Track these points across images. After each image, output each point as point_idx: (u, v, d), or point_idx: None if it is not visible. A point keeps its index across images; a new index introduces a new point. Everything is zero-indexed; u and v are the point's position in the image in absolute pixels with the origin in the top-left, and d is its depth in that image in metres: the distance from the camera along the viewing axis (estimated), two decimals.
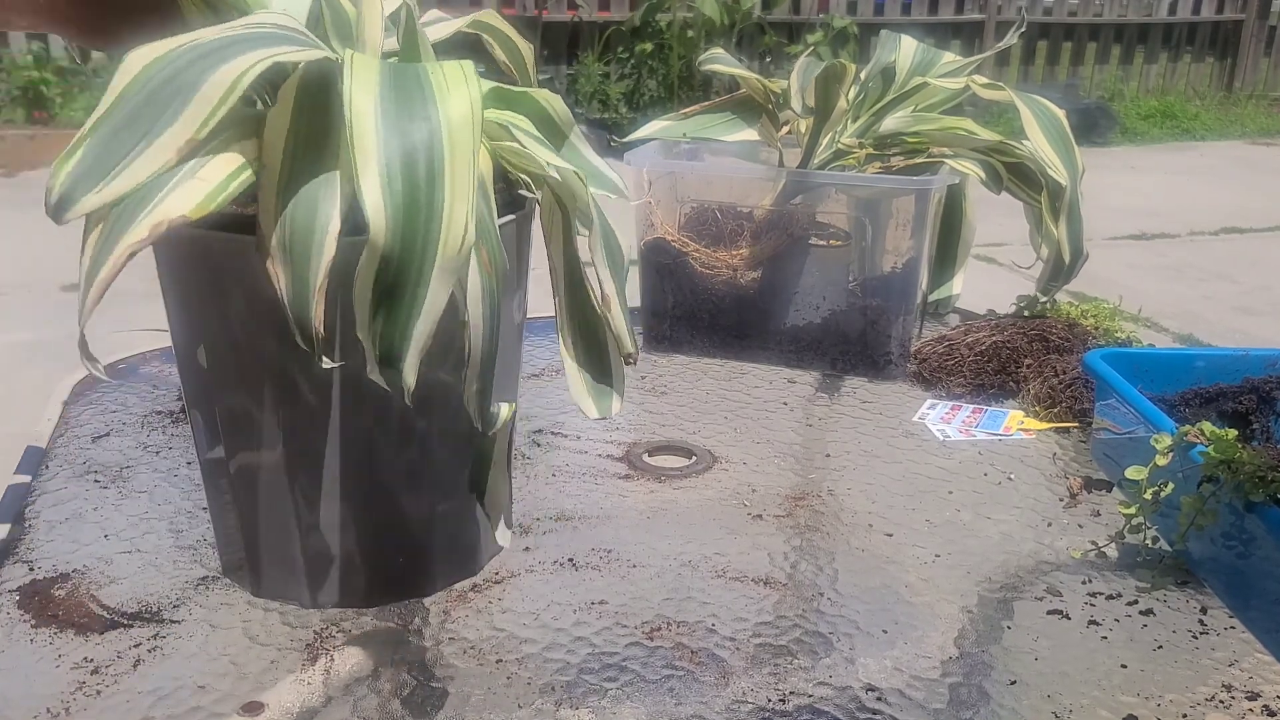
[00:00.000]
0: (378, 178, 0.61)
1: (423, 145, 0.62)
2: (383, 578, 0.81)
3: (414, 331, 0.63)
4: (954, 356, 1.23)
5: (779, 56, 6.51)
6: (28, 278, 3.67)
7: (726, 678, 0.74)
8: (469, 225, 0.62)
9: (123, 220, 0.61)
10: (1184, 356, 1.07)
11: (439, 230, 0.61)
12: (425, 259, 0.62)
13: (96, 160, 0.60)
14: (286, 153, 0.67)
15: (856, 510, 0.96)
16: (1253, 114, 7.40)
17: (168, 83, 0.61)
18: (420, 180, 0.61)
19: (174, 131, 0.61)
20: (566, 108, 0.77)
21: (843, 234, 1.25)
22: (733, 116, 1.30)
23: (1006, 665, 0.75)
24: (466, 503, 0.82)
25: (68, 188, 0.60)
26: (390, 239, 0.61)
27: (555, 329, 0.79)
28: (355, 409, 0.76)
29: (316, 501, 0.78)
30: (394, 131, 0.62)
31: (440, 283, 0.62)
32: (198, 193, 0.63)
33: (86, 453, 1.04)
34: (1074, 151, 1.22)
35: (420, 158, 0.62)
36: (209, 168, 0.64)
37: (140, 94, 0.61)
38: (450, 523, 0.82)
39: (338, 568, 0.80)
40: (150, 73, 0.62)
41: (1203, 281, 3.99)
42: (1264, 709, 0.71)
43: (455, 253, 0.62)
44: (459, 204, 0.62)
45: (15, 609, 0.80)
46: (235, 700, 0.70)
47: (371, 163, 0.61)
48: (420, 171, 0.62)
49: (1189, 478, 0.83)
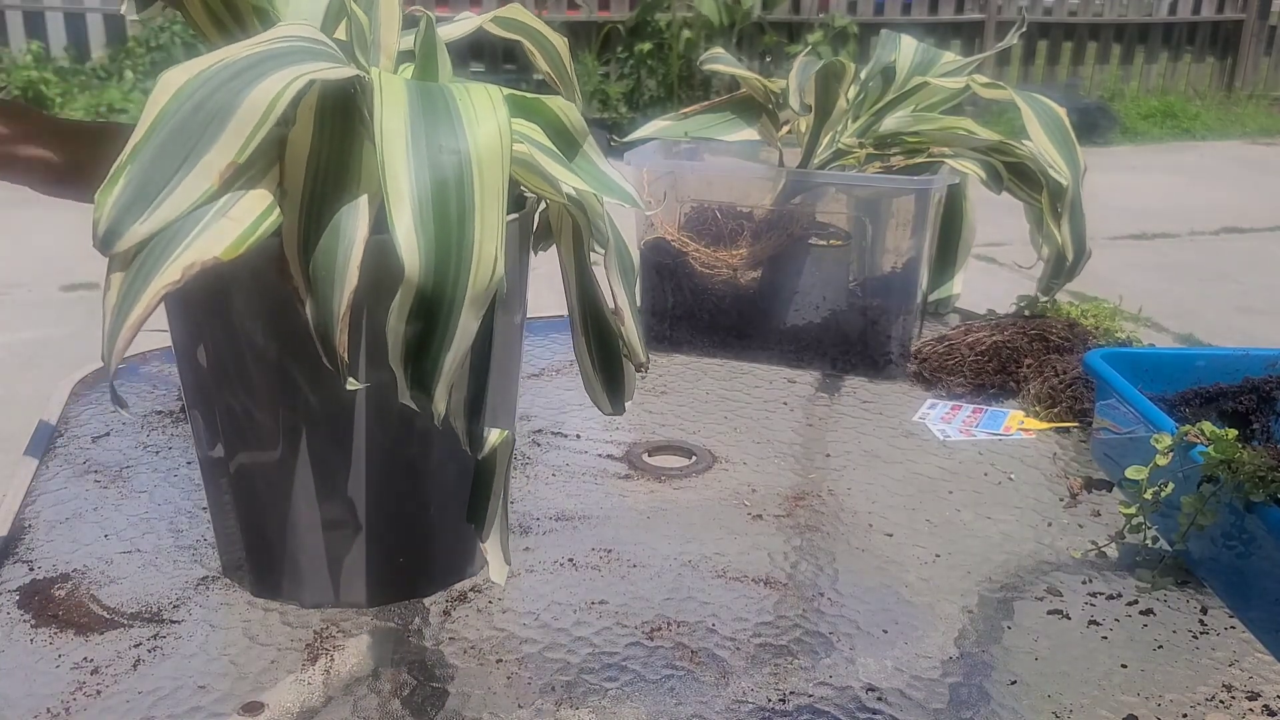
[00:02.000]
0: (410, 215, 0.61)
1: (454, 180, 0.63)
2: (383, 578, 0.81)
3: (444, 363, 0.64)
4: (954, 356, 1.23)
5: (779, 56, 6.51)
6: (28, 278, 3.67)
7: (726, 677, 0.74)
8: (498, 260, 0.63)
9: (153, 259, 0.61)
10: (1184, 356, 1.07)
11: (470, 266, 0.62)
12: (456, 294, 0.63)
13: (140, 189, 0.60)
14: (309, 175, 0.67)
15: (856, 510, 0.96)
16: (1253, 114, 7.40)
17: (203, 104, 0.61)
18: (452, 217, 0.62)
19: (212, 157, 0.61)
20: (581, 117, 0.77)
21: (843, 234, 1.25)
22: (733, 116, 1.30)
23: (1006, 665, 0.75)
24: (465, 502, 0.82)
25: (114, 219, 0.60)
26: (424, 277, 0.61)
27: (559, 328, 0.80)
28: (354, 409, 0.76)
29: (316, 502, 0.78)
30: (424, 164, 0.62)
31: (470, 315, 0.64)
32: (230, 233, 0.63)
33: (87, 453, 1.04)
34: (1076, 150, 1.22)
35: (452, 194, 0.62)
36: (240, 206, 0.64)
37: (176, 117, 0.61)
38: (450, 523, 0.82)
39: (338, 568, 0.80)
40: (185, 94, 0.61)
41: (1203, 281, 3.99)
42: (1264, 709, 0.71)
43: (485, 287, 0.63)
44: (488, 240, 0.63)
45: (15, 609, 0.80)
46: (235, 700, 0.70)
47: (405, 199, 0.61)
48: (452, 208, 0.62)
49: (1189, 478, 0.83)
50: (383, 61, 0.78)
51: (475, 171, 0.63)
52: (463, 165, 0.63)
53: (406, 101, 0.65)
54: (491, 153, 0.64)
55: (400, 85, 0.66)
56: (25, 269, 3.69)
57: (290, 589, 0.81)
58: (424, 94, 0.66)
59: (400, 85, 0.66)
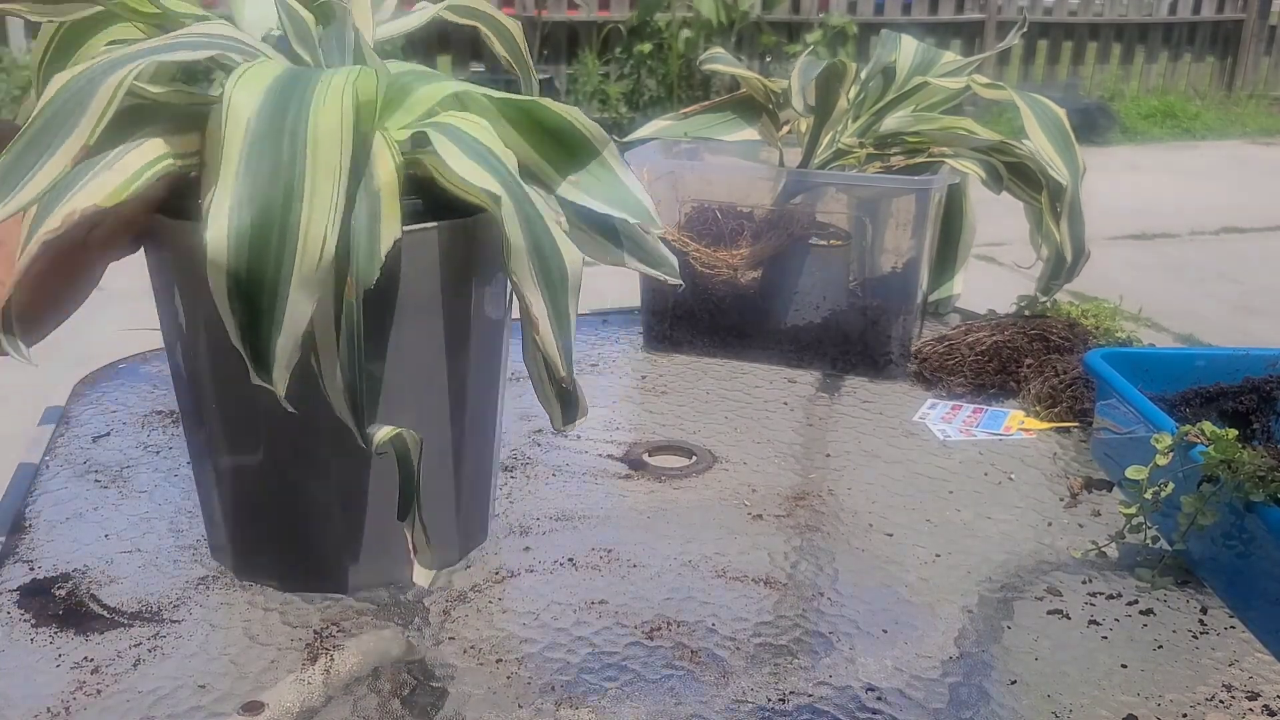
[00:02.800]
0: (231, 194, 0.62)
1: (286, 160, 0.63)
2: (364, 563, 0.82)
3: (275, 346, 0.64)
4: (954, 356, 1.23)
5: (779, 56, 6.51)
6: None
7: (726, 677, 0.74)
8: (327, 241, 0.63)
9: (40, 213, 0.65)
10: (1184, 356, 1.07)
11: (295, 247, 0.63)
12: (280, 275, 0.63)
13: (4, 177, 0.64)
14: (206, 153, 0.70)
15: (856, 510, 0.96)
16: (1253, 114, 7.40)
17: (72, 96, 0.65)
18: (278, 197, 0.63)
19: (70, 142, 0.65)
20: (594, 123, 0.75)
21: (843, 234, 1.25)
22: (733, 116, 1.30)
23: (1006, 665, 0.75)
24: (447, 489, 0.83)
25: None
26: (234, 258, 0.62)
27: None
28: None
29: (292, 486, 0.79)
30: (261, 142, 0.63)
31: (302, 297, 0.64)
32: (111, 183, 0.66)
33: (87, 452, 1.04)
34: (1075, 150, 1.22)
35: (281, 174, 0.63)
36: (128, 158, 0.68)
37: (51, 109, 0.65)
38: (435, 507, 0.83)
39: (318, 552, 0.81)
40: (65, 90, 0.65)
41: (1203, 281, 3.99)
42: (1264, 708, 0.71)
43: (313, 269, 0.63)
44: (316, 221, 0.63)
45: (15, 608, 0.80)
46: (235, 700, 0.70)
47: (229, 178, 0.63)
48: (279, 188, 0.63)
49: (1189, 477, 0.83)
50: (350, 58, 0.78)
51: (309, 152, 0.64)
52: (296, 145, 0.64)
53: (265, 86, 0.65)
54: (329, 134, 0.64)
55: (268, 70, 0.67)
56: None
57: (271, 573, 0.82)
58: (290, 79, 0.67)
59: (268, 70, 0.67)
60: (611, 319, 1.43)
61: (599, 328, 1.40)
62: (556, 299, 0.73)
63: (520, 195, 0.71)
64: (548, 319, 0.72)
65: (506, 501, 0.96)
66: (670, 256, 0.81)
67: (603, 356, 1.31)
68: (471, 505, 0.87)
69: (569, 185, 0.76)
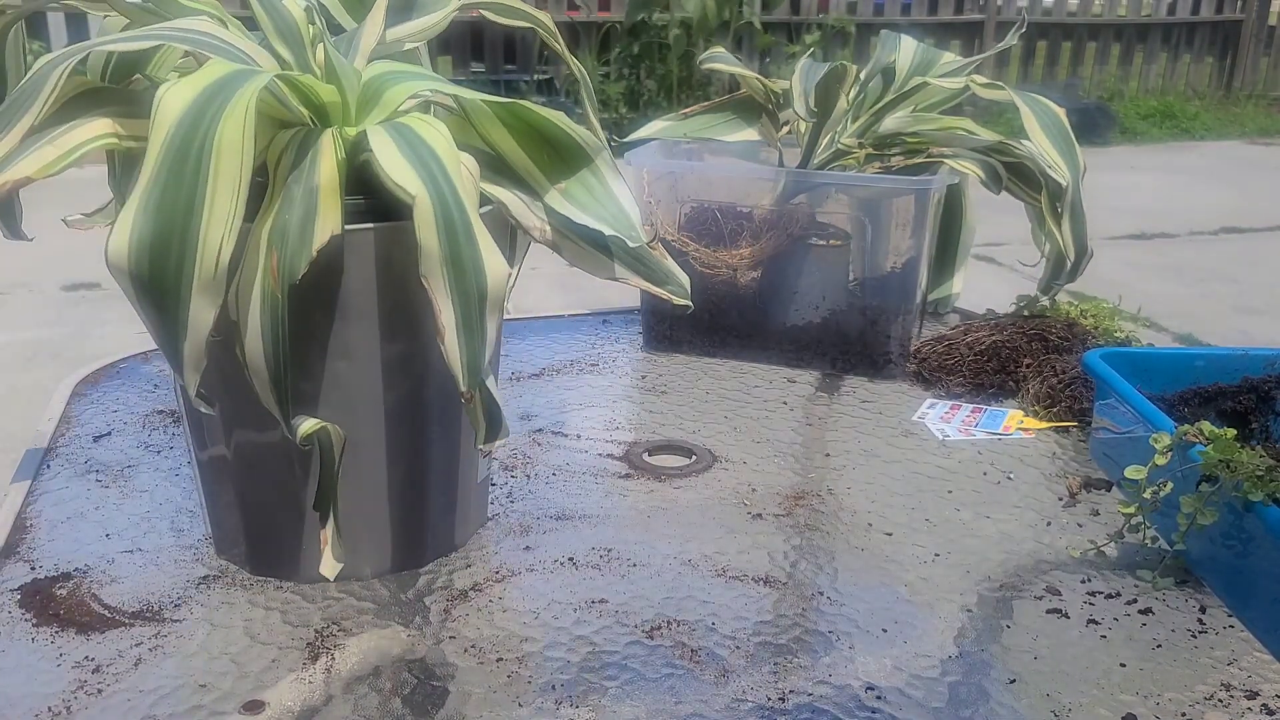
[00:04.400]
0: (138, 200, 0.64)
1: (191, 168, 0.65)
2: (373, 551, 0.82)
3: (184, 349, 0.67)
4: (954, 356, 1.23)
5: (777, 56, 6.51)
6: (28, 277, 3.67)
7: (726, 676, 0.74)
8: (223, 250, 0.65)
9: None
10: (1183, 356, 1.07)
11: (194, 255, 0.65)
12: (181, 282, 0.65)
13: None
14: None
15: (856, 509, 0.96)
16: (1252, 114, 7.40)
17: (32, 80, 0.70)
18: (180, 205, 0.65)
19: (21, 122, 0.69)
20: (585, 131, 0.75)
21: (843, 234, 1.25)
22: (733, 116, 1.31)
23: (1006, 664, 0.76)
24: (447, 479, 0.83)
25: None
26: (135, 264, 0.64)
27: (559, 328, 0.78)
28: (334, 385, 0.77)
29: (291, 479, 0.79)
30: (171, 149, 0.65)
31: (203, 302, 0.66)
32: (45, 157, 0.70)
33: (88, 452, 1.04)
34: (1075, 150, 1.22)
35: (185, 182, 0.65)
36: (69, 135, 0.71)
37: (19, 91, 0.70)
38: (434, 497, 0.83)
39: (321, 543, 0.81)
40: (34, 75, 0.70)
41: (1203, 281, 3.99)
42: (1263, 708, 0.72)
43: (210, 277, 0.65)
44: (214, 229, 0.65)
45: (16, 608, 0.80)
46: (236, 699, 0.70)
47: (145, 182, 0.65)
48: (181, 196, 0.65)
49: (1188, 477, 0.83)
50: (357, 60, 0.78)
51: (212, 162, 0.65)
52: (204, 155, 0.65)
53: (196, 92, 0.67)
54: (231, 145, 0.65)
55: (208, 73, 0.68)
56: (26, 269, 3.70)
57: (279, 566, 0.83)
58: (222, 84, 0.68)
59: (208, 73, 0.68)
60: (611, 319, 1.43)
61: (599, 328, 1.40)
62: (469, 311, 0.71)
63: (445, 200, 0.70)
64: (454, 330, 0.70)
65: (506, 501, 0.96)
66: (680, 274, 0.79)
67: (603, 356, 1.31)
68: (439, 510, 0.86)
69: (556, 194, 0.76)
